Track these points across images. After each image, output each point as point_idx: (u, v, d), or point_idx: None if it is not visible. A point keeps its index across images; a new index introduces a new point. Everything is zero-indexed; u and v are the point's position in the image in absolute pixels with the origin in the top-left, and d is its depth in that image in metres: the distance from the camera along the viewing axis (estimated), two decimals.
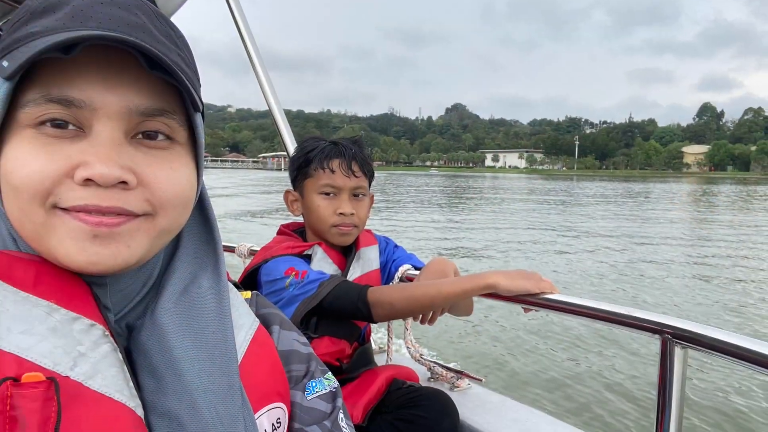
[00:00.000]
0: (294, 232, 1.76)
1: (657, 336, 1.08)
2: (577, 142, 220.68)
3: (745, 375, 5.15)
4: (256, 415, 0.64)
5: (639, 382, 5.13)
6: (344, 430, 0.76)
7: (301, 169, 1.67)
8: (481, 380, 1.75)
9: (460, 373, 1.78)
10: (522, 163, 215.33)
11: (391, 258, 1.82)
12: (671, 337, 1.05)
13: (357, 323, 1.64)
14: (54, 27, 0.53)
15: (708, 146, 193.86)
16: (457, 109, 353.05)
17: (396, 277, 1.72)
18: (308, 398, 0.74)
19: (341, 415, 0.77)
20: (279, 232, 1.78)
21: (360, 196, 1.66)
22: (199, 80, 0.65)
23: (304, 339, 0.81)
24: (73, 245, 0.53)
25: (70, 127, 0.53)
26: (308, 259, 1.63)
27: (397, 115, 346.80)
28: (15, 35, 0.54)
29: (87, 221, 0.53)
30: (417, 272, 1.68)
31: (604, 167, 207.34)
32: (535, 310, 1.36)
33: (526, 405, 1.63)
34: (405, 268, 1.72)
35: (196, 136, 0.62)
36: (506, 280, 1.35)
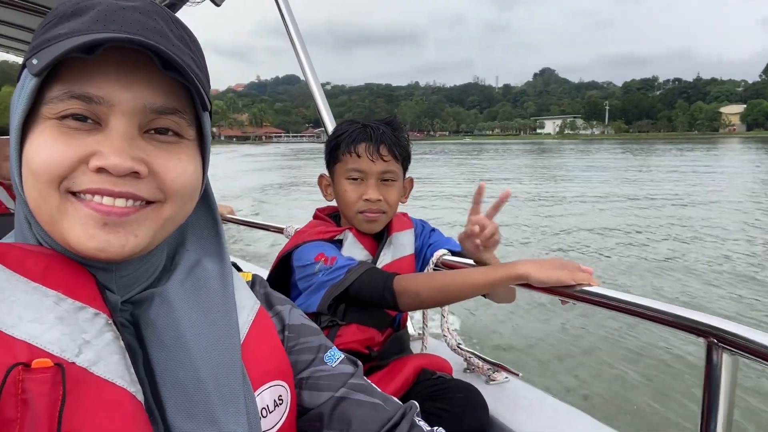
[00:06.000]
0: (329, 216, 1.73)
1: (701, 339, 0.95)
2: (607, 107, 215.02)
3: None
4: (257, 392, 0.68)
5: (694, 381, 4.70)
6: (367, 382, 0.82)
7: (332, 153, 1.64)
8: (518, 374, 1.66)
9: (497, 366, 1.70)
10: (565, 130, 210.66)
11: (426, 243, 1.75)
12: (717, 341, 0.92)
13: (388, 310, 1.59)
14: (80, 29, 0.57)
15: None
16: (544, 74, 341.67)
17: (431, 263, 1.65)
18: (333, 365, 0.80)
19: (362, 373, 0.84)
20: (314, 216, 1.76)
21: (389, 180, 1.60)
22: (209, 81, 0.69)
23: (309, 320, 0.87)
24: (83, 231, 0.57)
25: (89, 121, 0.58)
26: (340, 244, 1.60)
27: (482, 83, 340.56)
28: (44, 36, 0.59)
29: (98, 209, 0.57)
30: (453, 258, 1.60)
31: (630, 131, 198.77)
32: (572, 303, 1.26)
33: (566, 403, 1.52)
34: (440, 254, 1.65)
35: (204, 134, 0.67)
36: (538, 270, 1.25)
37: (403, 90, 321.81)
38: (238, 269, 0.84)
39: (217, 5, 2.27)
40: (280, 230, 2.48)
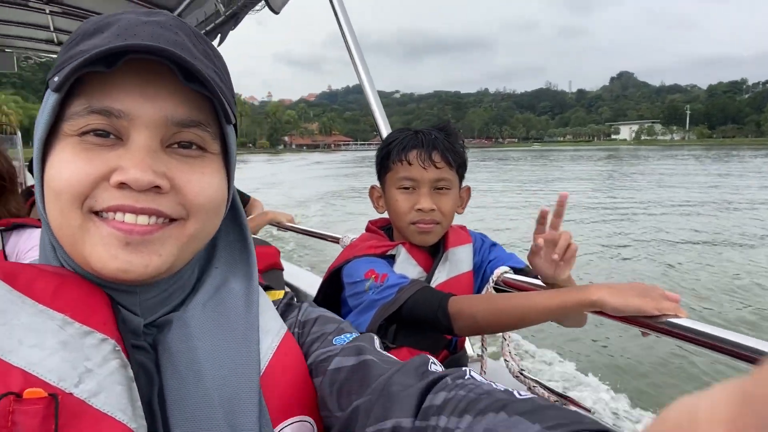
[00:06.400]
0: (382, 229, 1.63)
1: None
2: (688, 112, 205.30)
3: None
4: (277, 428, 0.63)
5: None
6: (372, 345, 0.68)
7: (382, 162, 1.54)
8: (590, 410, 1.48)
9: (565, 399, 1.52)
10: (642, 135, 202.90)
11: (486, 258, 1.61)
12: None
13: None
14: (100, 45, 0.56)
15: None
16: (621, 78, 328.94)
17: (491, 281, 1.51)
18: (341, 345, 0.69)
19: (377, 342, 0.71)
20: (366, 229, 1.67)
21: (443, 189, 1.48)
22: (233, 96, 0.67)
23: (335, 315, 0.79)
24: (105, 252, 0.55)
25: (111, 136, 0.57)
26: (392, 260, 1.49)
27: (555, 89, 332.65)
28: (67, 54, 0.58)
29: (120, 228, 0.55)
30: (516, 276, 1.46)
31: (714, 137, 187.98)
32: (655, 336, 1.08)
33: None
34: (501, 271, 1.50)
35: (228, 147, 0.64)
36: (615, 296, 1.08)
37: (472, 97, 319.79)
38: (268, 289, 0.79)
39: (276, 13, 2.26)
40: (336, 240, 2.41)
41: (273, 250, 2.36)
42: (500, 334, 1.64)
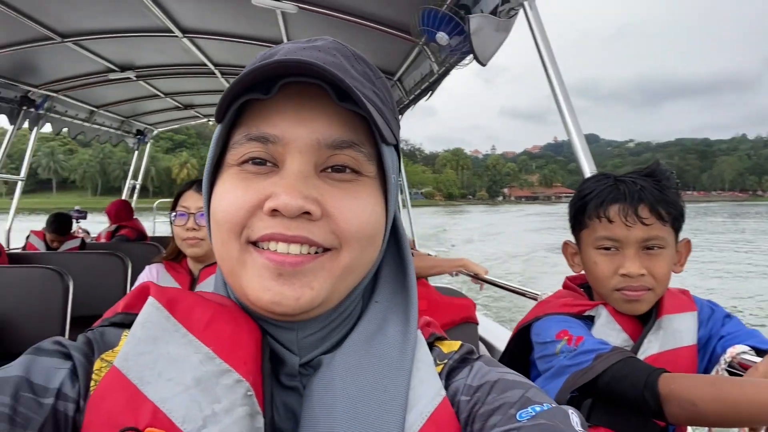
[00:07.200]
0: (581, 286, 1.46)
1: None
2: None
3: None
4: None
5: None
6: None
7: (577, 216, 1.36)
8: None
9: None
10: None
11: (717, 333, 1.30)
12: None
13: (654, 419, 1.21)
14: None
15: None
16: None
17: (722, 362, 1.21)
18: (524, 422, 0.52)
19: (576, 419, 0.53)
20: (563, 286, 1.51)
21: (655, 248, 1.24)
22: (396, 118, 0.64)
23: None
24: (259, 284, 0.53)
25: (268, 164, 0.56)
26: (591, 321, 1.31)
27: None
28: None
29: (272, 259, 0.53)
30: (759, 359, 1.14)
31: None
32: None
33: None
34: (738, 351, 1.19)
35: (385, 169, 0.60)
36: None
37: (724, 144, 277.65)
38: (441, 339, 0.68)
39: (483, 65, 2.28)
40: (535, 297, 2.25)
41: (468, 302, 2.28)
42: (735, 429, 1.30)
